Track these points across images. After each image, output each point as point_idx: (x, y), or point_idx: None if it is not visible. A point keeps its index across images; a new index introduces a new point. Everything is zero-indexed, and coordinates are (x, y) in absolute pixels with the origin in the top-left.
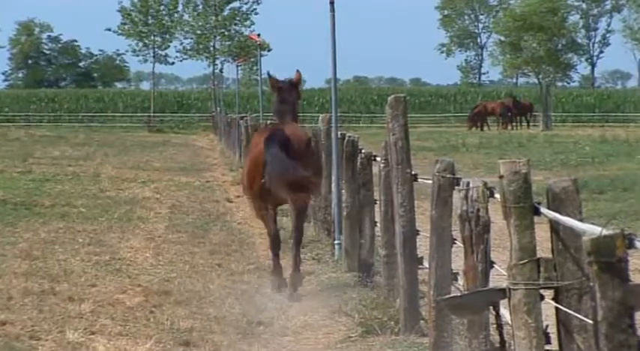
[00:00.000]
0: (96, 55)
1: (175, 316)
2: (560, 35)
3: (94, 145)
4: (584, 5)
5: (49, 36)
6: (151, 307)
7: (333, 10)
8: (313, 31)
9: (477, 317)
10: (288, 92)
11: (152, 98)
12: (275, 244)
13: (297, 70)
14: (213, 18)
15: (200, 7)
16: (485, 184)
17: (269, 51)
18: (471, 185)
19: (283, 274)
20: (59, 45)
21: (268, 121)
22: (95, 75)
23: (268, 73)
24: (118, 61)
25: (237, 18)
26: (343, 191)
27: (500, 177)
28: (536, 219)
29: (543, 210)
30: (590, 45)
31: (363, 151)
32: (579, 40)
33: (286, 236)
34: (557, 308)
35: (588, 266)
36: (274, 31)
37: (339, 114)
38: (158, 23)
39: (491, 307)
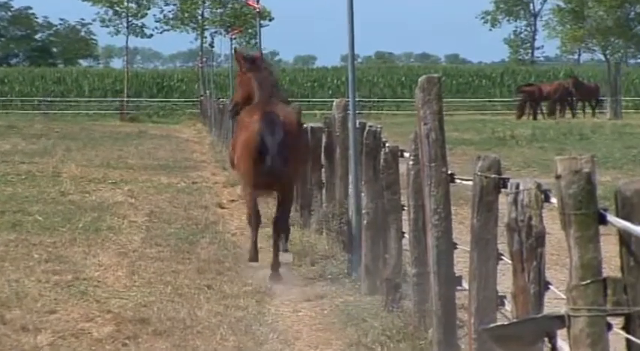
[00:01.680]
0: (55, 26)
1: None
2: (634, 1)
3: (54, 137)
4: None
5: None
6: (123, 338)
7: None
8: None
9: None
10: (264, 69)
11: (125, 79)
12: (255, 220)
13: (258, 51)
14: None
15: None
16: (538, 186)
17: (270, 20)
18: (521, 187)
19: (257, 256)
20: (9, 13)
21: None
22: (54, 50)
23: (235, 49)
24: (82, 34)
25: None
26: (363, 195)
27: (558, 177)
28: (602, 229)
29: (611, 218)
30: None
31: (387, 144)
32: None
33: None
34: (628, 339)
35: None
36: None
37: (357, 99)
38: None
39: (546, 339)
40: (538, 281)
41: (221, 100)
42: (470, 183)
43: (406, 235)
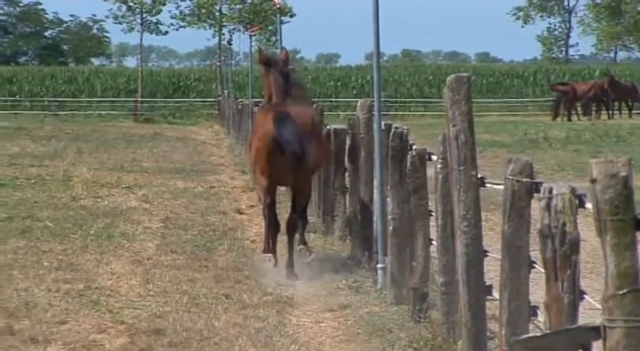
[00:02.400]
0: (66, 23)
1: None
2: None
3: (64, 139)
4: None
5: None
6: (137, 350)
7: None
8: None
9: None
10: (286, 70)
11: (140, 78)
12: (269, 210)
13: (284, 48)
14: None
15: None
16: (573, 190)
17: (292, 17)
18: (554, 192)
19: (273, 248)
20: (17, 9)
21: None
22: (65, 48)
23: (259, 49)
24: (94, 31)
25: None
26: (389, 200)
27: (593, 181)
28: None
29: None
30: None
31: (414, 147)
32: None
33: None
34: None
35: None
36: None
37: (383, 99)
38: None
39: None
40: (572, 290)
41: (240, 100)
42: (501, 187)
43: (434, 242)
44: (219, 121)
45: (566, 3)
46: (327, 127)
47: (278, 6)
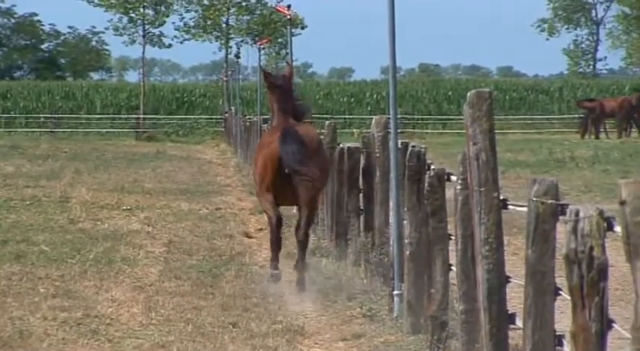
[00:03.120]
0: (63, 35)
1: None
2: None
3: (62, 158)
4: None
5: None
6: None
7: None
8: (363, 2)
9: None
10: (289, 88)
11: (142, 94)
12: (277, 225)
13: (287, 63)
14: None
15: None
16: (601, 212)
17: (303, 29)
18: (581, 214)
19: (278, 265)
20: (12, 20)
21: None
22: (62, 62)
23: (261, 67)
24: (93, 43)
25: None
26: (405, 223)
27: (622, 203)
28: None
29: None
30: None
31: (432, 167)
32: None
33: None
34: None
35: None
36: (311, 1)
37: (399, 116)
38: None
39: None
40: (600, 319)
41: (248, 117)
42: (524, 210)
43: (453, 268)
44: (225, 140)
45: (593, 14)
46: (340, 145)
47: (288, 17)
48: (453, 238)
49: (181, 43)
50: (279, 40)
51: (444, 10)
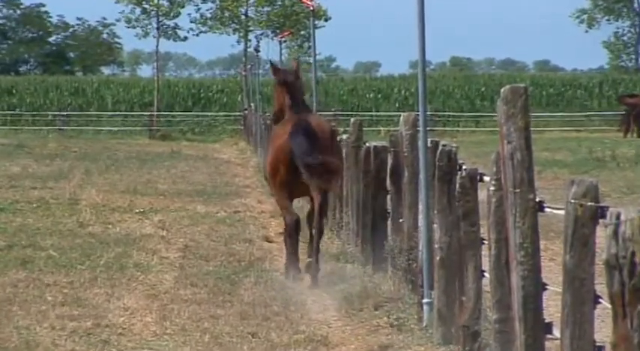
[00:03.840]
0: (72, 27)
1: None
2: None
3: (71, 157)
4: None
5: None
6: None
7: None
8: None
9: None
10: (297, 82)
11: (156, 90)
12: (294, 229)
13: (295, 59)
14: None
15: None
16: None
17: (326, 21)
18: (622, 218)
19: (299, 266)
20: (18, 11)
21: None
22: (71, 55)
23: (271, 62)
24: (104, 36)
25: None
26: (435, 226)
27: None
28: None
29: None
30: None
31: (464, 167)
32: None
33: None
34: None
35: None
36: None
37: (429, 113)
38: None
39: None
40: None
41: (268, 114)
42: (562, 212)
43: (486, 274)
44: (244, 138)
45: (636, 5)
46: (366, 144)
47: (311, 8)
48: (485, 242)
49: (197, 35)
50: (302, 32)
51: (477, 1)
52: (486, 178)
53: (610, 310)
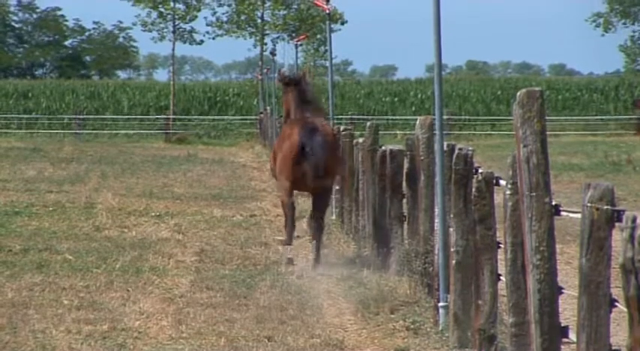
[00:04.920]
0: (88, 30)
1: None
2: None
3: (87, 161)
4: None
5: (20, 2)
6: None
7: None
8: None
9: None
10: (305, 87)
11: (172, 93)
12: (291, 208)
13: (302, 68)
14: None
15: None
16: None
17: (343, 24)
18: (638, 221)
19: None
20: (34, 15)
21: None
22: (87, 59)
23: (279, 71)
24: (120, 40)
25: None
26: (451, 230)
27: None
28: None
29: None
30: None
31: (480, 170)
32: None
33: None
34: None
35: None
36: None
37: (445, 116)
38: None
39: None
40: None
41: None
42: (578, 216)
43: (502, 278)
44: (260, 141)
45: None
46: (382, 148)
47: (327, 12)
48: (502, 246)
49: (214, 39)
50: (318, 36)
51: (493, 4)
52: (502, 182)
53: (626, 313)
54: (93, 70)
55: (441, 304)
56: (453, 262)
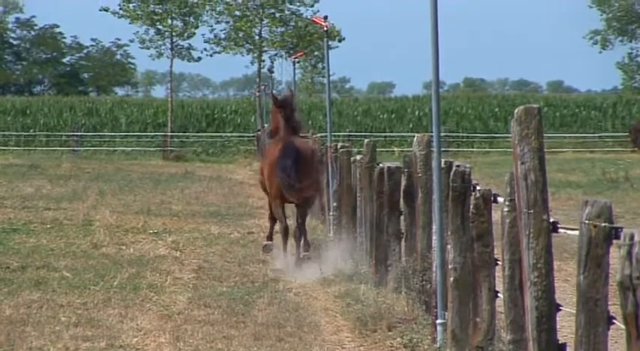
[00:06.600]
0: (86, 48)
1: None
2: None
3: (84, 178)
4: None
5: (18, 19)
6: None
7: None
8: (404, 15)
9: None
10: (292, 107)
11: (169, 110)
12: (285, 232)
13: (289, 88)
14: None
15: None
16: None
17: (340, 41)
18: (636, 238)
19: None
20: (32, 32)
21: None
22: (85, 76)
23: (272, 94)
24: (118, 56)
25: None
26: (449, 247)
27: None
28: None
29: None
30: None
31: (478, 187)
32: None
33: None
34: None
35: None
36: (348, 13)
37: (443, 133)
38: (178, 0)
39: None
40: None
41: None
42: (576, 233)
43: (500, 295)
44: (258, 159)
45: None
46: (380, 165)
47: (325, 29)
48: (499, 263)
49: (211, 56)
50: (315, 53)
51: (490, 21)
52: (500, 199)
53: (624, 331)
54: (91, 87)
55: (438, 321)
56: (451, 279)
